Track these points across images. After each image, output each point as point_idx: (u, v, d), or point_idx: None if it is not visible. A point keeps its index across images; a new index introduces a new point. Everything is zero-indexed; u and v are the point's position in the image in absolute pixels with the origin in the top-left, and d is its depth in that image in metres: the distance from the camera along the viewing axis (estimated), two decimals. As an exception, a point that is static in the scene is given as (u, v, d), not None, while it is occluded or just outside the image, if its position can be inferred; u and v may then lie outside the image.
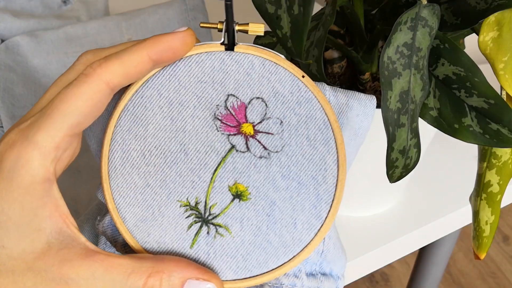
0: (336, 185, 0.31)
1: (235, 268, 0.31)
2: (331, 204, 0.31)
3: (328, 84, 0.33)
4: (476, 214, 0.41)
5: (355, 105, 0.33)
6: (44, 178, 0.27)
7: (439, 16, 0.35)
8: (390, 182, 0.37)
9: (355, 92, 0.33)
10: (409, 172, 0.37)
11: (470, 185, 0.44)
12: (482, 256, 0.41)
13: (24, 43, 0.65)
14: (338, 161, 0.31)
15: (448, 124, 0.36)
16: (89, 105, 0.27)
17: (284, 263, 0.31)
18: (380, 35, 0.42)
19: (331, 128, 0.31)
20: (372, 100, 0.33)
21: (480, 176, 0.40)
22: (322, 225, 0.31)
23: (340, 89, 0.33)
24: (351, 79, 0.47)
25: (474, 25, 0.35)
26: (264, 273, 0.31)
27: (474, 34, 0.39)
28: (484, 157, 0.39)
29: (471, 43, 0.43)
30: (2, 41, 0.66)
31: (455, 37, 0.42)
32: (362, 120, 0.34)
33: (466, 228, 0.66)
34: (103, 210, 0.35)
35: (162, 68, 0.31)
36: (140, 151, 0.31)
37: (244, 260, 0.31)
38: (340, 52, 0.46)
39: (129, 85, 0.31)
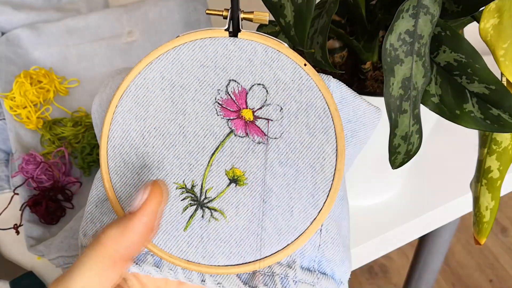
0: (334, 174, 0.31)
1: (228, 254, 0.31)
2: (328, 193, 0.31)
3: (334, 77, 0.34)
4: (476, 199, 0.42)
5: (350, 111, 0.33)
6: None
7: (440, 3, 0.35)
8: (392, 168, 0.37)
9: (361, 97, 0.33)
10: (411, 158, 0.37)
11: (469, 174, 0.44)
12: (483, 241, 0.41)
13: (24, 35, 0.65)
14: (337, 150, 0.31)
15: (450, 110, 0.36)
16: None
17: (278, 251, 0.31)
18: (381, 25, 0.42)
19: (331, 117, 0.31)
20: (377, 112, 0.34)
21: (480, 162, 0.41)
22: (318, 214, 0.31)
23: (345, 86, 0.33)
24: (352, 69, 0.47)
25: (475, 12, 0.35)
26: (256, 260, 0.31)
27: (474, 25, 0.40)
28: (484, 143, 0.40)
29: (471, 34, 0.43)
30: (3, 33, 0.66)
31: (455, 26, 0.42)
32: (359, 129, 0.34)
33: (464, 220, 0.66)
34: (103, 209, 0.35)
35: (166, 52, 0.31)
36: (139, 132, 0.31)
37: (237, 246, 0.31)
38: (341, 42, 0.46)
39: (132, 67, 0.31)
